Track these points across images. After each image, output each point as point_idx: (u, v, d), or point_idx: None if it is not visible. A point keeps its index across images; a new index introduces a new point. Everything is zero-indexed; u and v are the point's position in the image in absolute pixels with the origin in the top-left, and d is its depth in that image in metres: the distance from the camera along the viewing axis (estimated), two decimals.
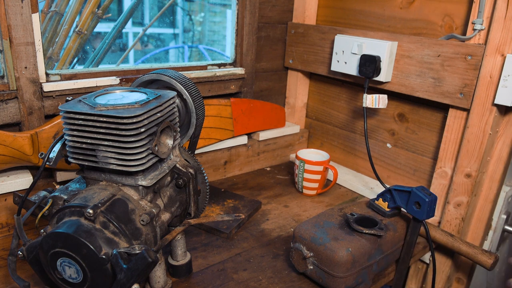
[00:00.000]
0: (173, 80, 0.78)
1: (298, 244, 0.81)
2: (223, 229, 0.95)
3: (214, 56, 2.90)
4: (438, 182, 1.05)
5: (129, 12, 1.56)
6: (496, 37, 0.87)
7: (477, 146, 0.94)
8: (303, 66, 1.33)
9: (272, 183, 1.25)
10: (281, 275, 0.84)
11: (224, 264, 0.86)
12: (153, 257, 0.56)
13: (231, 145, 1.25)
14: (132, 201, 0.64)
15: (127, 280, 0.56)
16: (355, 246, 0.77)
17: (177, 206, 0.73)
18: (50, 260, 0.60)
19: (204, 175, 0.77)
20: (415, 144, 1.14)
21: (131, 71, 1.06)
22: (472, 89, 0.93)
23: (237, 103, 1.23)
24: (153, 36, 3.39)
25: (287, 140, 1.40)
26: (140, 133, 0.62)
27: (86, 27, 1.37)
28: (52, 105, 0.93)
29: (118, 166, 0.63)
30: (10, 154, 0.85)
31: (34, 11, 0.86)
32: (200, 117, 0.82)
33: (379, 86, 1.12)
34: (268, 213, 1.08)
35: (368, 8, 1.18)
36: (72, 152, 0.65)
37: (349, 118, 1.30)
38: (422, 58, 1.01)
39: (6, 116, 0.88)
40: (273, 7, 1.31)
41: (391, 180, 1.22)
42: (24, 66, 0.87)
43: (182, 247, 0.80)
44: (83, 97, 0.67)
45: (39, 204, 0.67)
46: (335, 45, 1.17)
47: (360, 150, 1.28)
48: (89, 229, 0.58)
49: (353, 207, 0.91)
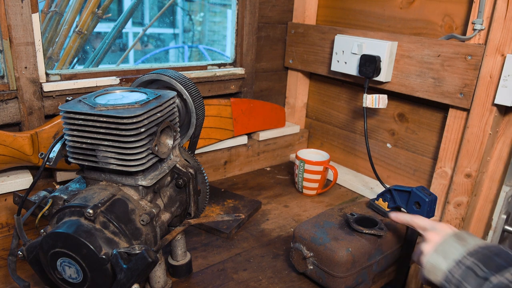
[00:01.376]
0: (173, 80, 0.78)
1: (298, 244, 0.81)
2: (223, 229, 0.95)
3: (214, 56, 2.90)
4: (438, 182, 1.05)
5: (129, 12, 1.56)
6: (496, 37, 0.87)
7: (477, 146, 0.94)
8: (303, 66, 1.33)
9: (272, 183, 1.25)
10: (281, 275, 0.84)
11: (224, 264, 0.86)
12: (153, 257, 0.56)
13: (231, 145, 1.24)
14: (132, 201, 0.64)
15: (127, 280, 0.56)
16: (355, 246, 0.77)
17: (177, 206, 0.73)
18: (50, 260, 0.60)
19: (204, 175, 0.77)
20: (415, 144, 1.14)
21: (131, 71, 1.06)
22: (472, 89, 0.93)
23: (237, 103, 1.23)
24: (153, 36, 3.39)
25: (287, 140, 1.40)
26: (140, 133, 0.62)
27: (86, 27, 1.37)
28: (52, 105, 0.93)
29: (118, 166, 0.63)
30: (10, 154, 0.85)
31: (34, 11, 0.86)
32: (200, 117, 0.82)
33: (379, 86, 1.12)
34: (268, 213, 1.08)
35: (368, 8, 1.18)
36: (72, 152, 0.65)
37: (349, 118, 1.30)
38: (422, 58, 1.01)
39: (6, 116, 0.88)
40: (273, 7, 1.31)
41: (391, 180, 1.22)
42: (24, 66, 0.87)
43: (182, 247, 0.80)
44: (83, 97, 0.67)
45: (39, 204, 0.67)
46: (335, 45, 1.17)
47: (360, 150, 1.28)
48: (89, 229, 0.58)
49: (353, 207, 0.91)
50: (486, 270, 0.58)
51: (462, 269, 0.60)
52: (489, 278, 0.57)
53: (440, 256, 0.63)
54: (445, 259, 0.62)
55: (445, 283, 0.61)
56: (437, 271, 0.62)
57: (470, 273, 0.59)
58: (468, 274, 0.59)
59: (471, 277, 0.58)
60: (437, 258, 0.63)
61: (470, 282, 0.58)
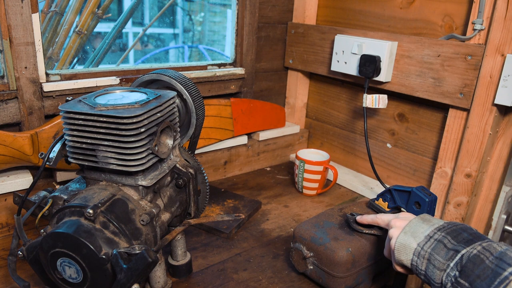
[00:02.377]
0: (173, 80, 0.78)
1: (298, 244, 0.81)
2: (223, 229, 0.95)
3: (214, 56, 2.90)
4: (438, 182, 1.05)
5: (129, 12, 1.56)
6: (496, 37, 0.87)
7: (477, 146, 0.94)
8: (303, 66, 1.33)
9: (272, 183, 1.25)
10: (281, 275, 0.84)
11: (224, 264, 0.86)
12: (153, 257, 0.56)
13: (231, 145, 1.25)
14: (132, 201, 0.64)
15: (127, 280, 0.56)
16: (355, 246, 0.77)
17: (177, 206, 0.73)
18: (50, 260, 0.60)
19: (204, 175, 0.77)
20: (415, 144, 1.14)
21: (131, 71, 1.06)
22: (472, 89, 0.93)
23: (237, 103, 1.23)
24: (153, 36, 3.39)
25: (287, 140, 1.40)
26: (140, 133, 0.62)
27: (86, 27, 1.37)
28: (52, 105, 0.93)
29: (118, 166, 0.63)
30: (10, 154, 0.85)
31: (34, 11, 0.86)
32: (200, 117, 0.82)
33: (379, 86, 1.12)
34: (268, 213, 1.08)
35: (368, 8, 1.18)
36: (72, 152, 0.65)
37: (349, 118, 1.30)
38: (422, 58, 1.01)
39: (6, 116, 0.88)
40: (273, 7, 1.31)
41: (391, 180, 1.22)
42: (24, 66, 0.87)
43: (182, 247, 0.80)
44: (83, 97, 0.67)
45: (39, 204, 0.67)
46: (335, 45, 1.17)
47: (360, 150, 1.28)
48: (89, 229, 0.58)
49: (353, 207, 0.91)
50: (455, 243, 0.59)
51: (432, 242, 0.61)
52: (459, 250, 0.57)
53: (409, 235, 0.63)
54: (414, 238, 0.63)
55: (416, 258, 0.61)
56: (407, 250, 0.63)
57: (440, 245, 0.60)
58: (438, 246, 0.60)
59: (441, 249, 0.59)
60: (406, 237, 0.64)
61: (440, 254, 0.59)
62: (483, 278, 0.53)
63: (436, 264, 0.59)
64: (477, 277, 0.54)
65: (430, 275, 0.59)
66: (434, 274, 0.59)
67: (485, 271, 0.53)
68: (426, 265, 0.60)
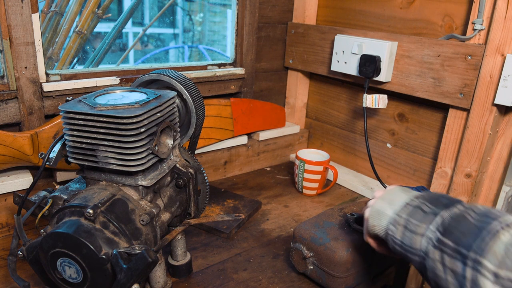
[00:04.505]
0: (173, 80, 0.78)
1: (298, 244, 0.81)
2: (223, 229, 0.95)
3: (214, 56, 2.90)
4: (438, 182, 1.05)
5: (129, 12, 1.56)
6: (496, 37, 0.87)
7: (477, 146, 0.94)
8: (303, 66, 1.33)
9: (272, 183, 1.25)
10: (281, 275, 0.84)
11: (224, 264, 0.86)
12: (153, 257, 0.56)
13: (231, 145, 1.25)
14: (132, 201, 0.64)
15: (127, 280, 0.56)
16: (355, 246, 0.77)
17: (177, 206, 0.73)
18: (50, 260, 0.60)
19: (204, 175, 0.77)
20: (415, 144, 1.14)
21: (131, 71, 1.06)
22: (472, 89, 0.93)
23: (237, 103, 1.23)
24: (153, 36, 3.39)
25: (287, 140, 1.40)
26: (140, 133, 0.62)
27: (86, 27, 1.37)
28: (52, 105, 0.93)
29: (118, 166, 0.63)
30: (10, 154, 0.85)
31: (34, 11, 0.86)
32: (200, 117, 0.82)
33: (379, 86, 1.12)
34: (268, 213, 1.08)
35: (368, 8, 1.18)
36: (72, 152, 0.65)
37: (349, 118, 1.30)
38: (422, 58, 1.01)
39: (6, 116, 0.88)
40: (273, 7, 1.31)
41: (391, 180, 1.22)
42: (24, 66, 0.87)
43: (182, 247, 0.80)
44: (83, 97, 0.67)
45: (39, 204, 0.67)
46: (335, 45, 1.17)
47: (360, 150, 1.28)
48: (89, 229, 0.58)
49: (353, 207, 0.91)
50: (433, 207, 0.56)
51: (409, 209, 0.58)
52: (438, 213, 0.55)
53: (386, 203, 0.61)
54: (390, 205, 0.61)
55: (391, 226, 0.59)
56: (381, 216, 0.61)
57: (418, 210, 0.57)
58: (415, 212, 0.57)
59: (418, 213, 0.57)
60: (382, 203, 0.62)
61: (417, 218, 0.56)
62: (468, 235, 0.50)
63: (414, 228, 0.55)
64: (462, 234, 0.50)
65: (408, 243, 0.56)
66: (411, 240, 0.55)
67: (470, 227, 0.50)
68: (402, 233, 0.57)
